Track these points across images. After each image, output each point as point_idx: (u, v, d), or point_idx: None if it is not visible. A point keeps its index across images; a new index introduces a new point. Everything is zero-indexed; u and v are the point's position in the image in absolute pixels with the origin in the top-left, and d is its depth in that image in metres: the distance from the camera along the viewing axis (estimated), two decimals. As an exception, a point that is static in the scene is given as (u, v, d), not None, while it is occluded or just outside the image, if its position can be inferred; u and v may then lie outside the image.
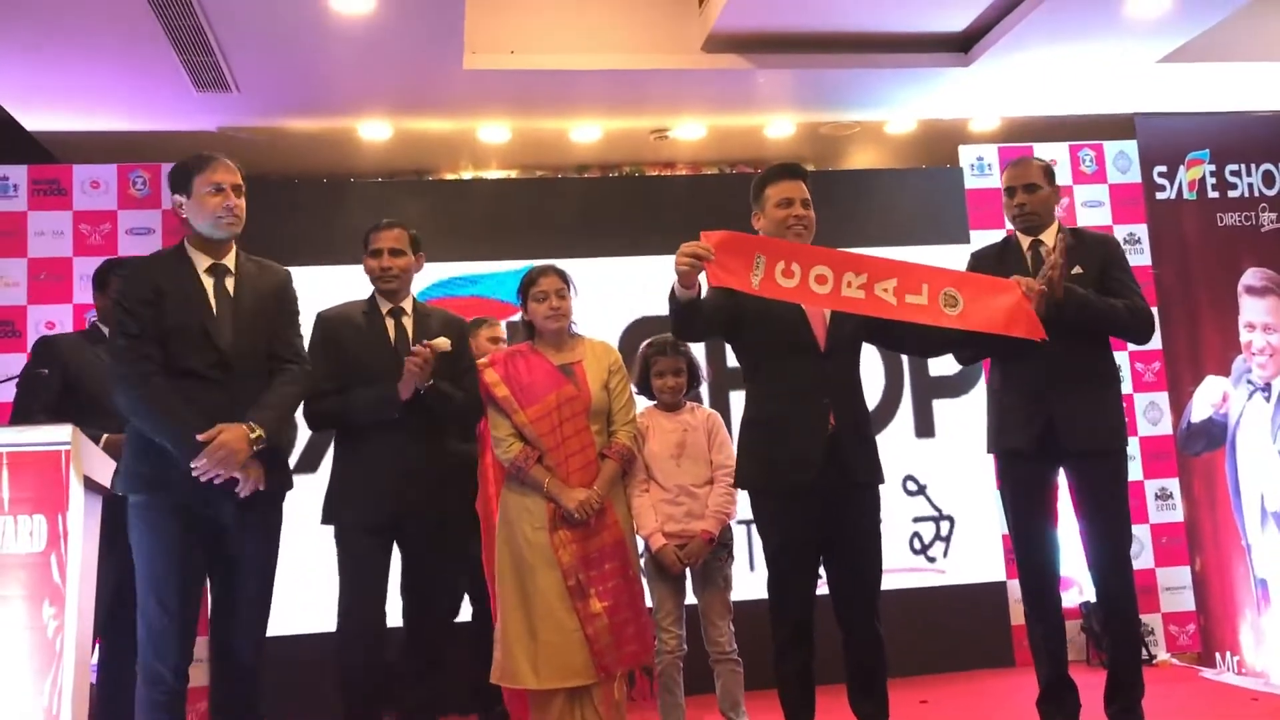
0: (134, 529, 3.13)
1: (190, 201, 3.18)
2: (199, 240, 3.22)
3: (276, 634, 4.69)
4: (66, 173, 5.69)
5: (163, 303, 3.10)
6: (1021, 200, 3.81)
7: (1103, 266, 3.75)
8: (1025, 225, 3.81)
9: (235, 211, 3.21)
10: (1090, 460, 3.69)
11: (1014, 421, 3.77)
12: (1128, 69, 5.68)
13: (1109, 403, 3.74)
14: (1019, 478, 3.81)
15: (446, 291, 5.76)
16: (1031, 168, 3.86)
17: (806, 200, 3.52)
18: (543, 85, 5.58)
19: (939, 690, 5.17)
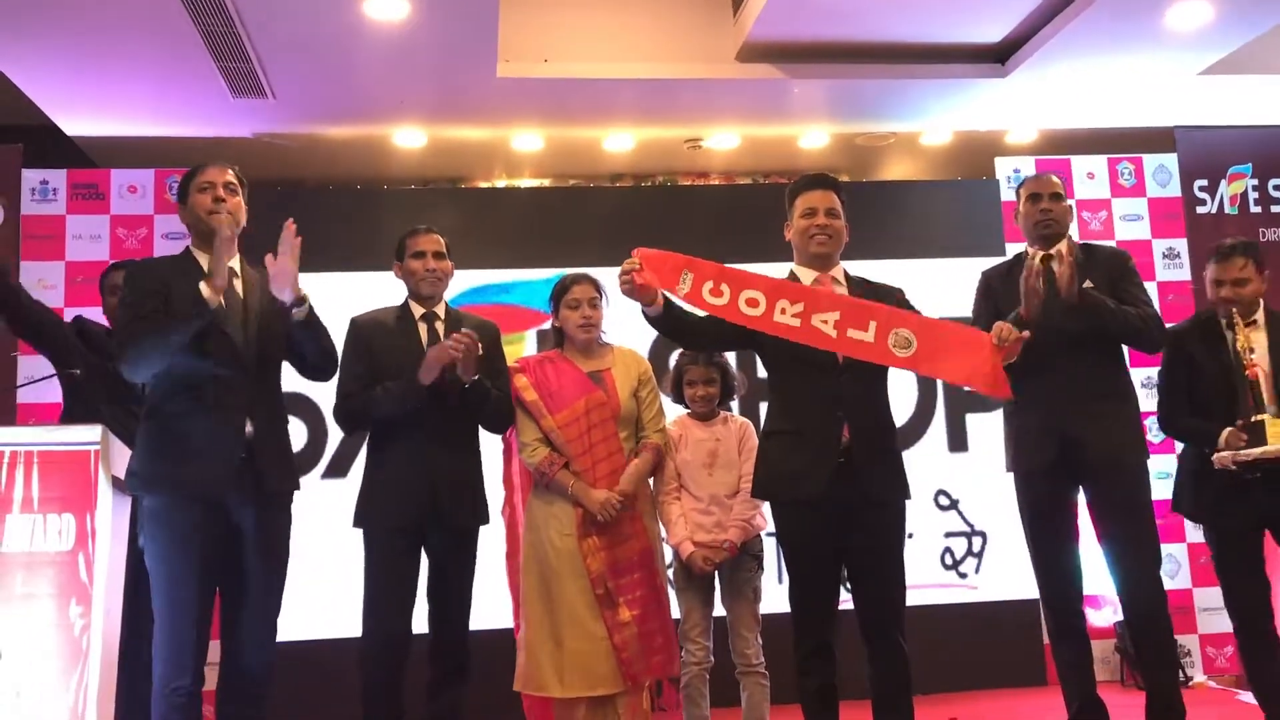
0: (151, 533, 3.09)
1: (186, 206, 3.28)
2: (201, 244, 3.26)
3: (297, 639, 4.74)
4: (105, 177, 5.76)
5: (170, 299, 3.12)
6: (1048, 207, 3.82)
7: (1113, 279, 3.74)
8: (1046, 233, 3.80)
9: (226, 207, 3.24)
10: (1109, 476, 3.66)
11: (1031, 441, 3.76)
12: (1168, 81, 5.61)
13: (1125, 418, 3.71)
14: (1038, 497, 3.79)
15: (479, 299, 5.77)
16: (1053, 180, 3.92)
17: (832, 210, 3.48)
18: (576, 94, 5.58)
19: (968, 708, 5.10)
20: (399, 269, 3.75)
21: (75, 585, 3.08)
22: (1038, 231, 3.82)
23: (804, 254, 3.50)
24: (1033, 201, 3.84)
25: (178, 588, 3.05)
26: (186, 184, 3.29)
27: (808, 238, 3.47)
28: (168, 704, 3.03)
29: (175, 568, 3.06)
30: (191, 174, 3.30)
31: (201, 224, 3.24)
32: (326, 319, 3.47)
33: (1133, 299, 3.70)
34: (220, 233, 3.11)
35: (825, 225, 3.45)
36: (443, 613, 3.60)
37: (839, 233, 3.48)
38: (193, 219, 3.26)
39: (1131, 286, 3.74)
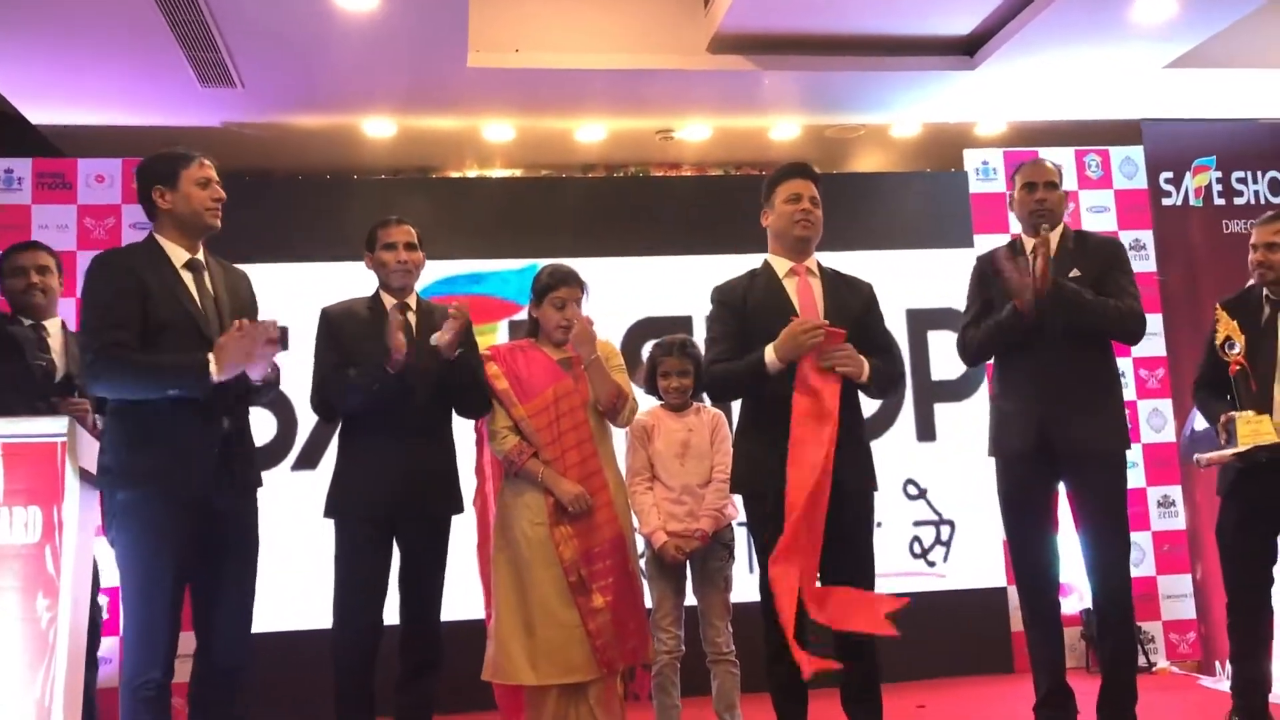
0: (125, 527, 3.06)
1: (176, 194, 3.18)
2: (175, 234, 3.20)
3: (267, 630, 4.71)
4: (71, 167, 5.70)
5: (148, 297, 3.07)
6: (1043, 196, 3.83)
7: (1102, 269, 3.76)
8: (1041, 222, 3.79)
9: (221, 204, 3.24)
10: (1088, 465, 3.69)
11: (1012, 427, 3.78)
12: (1134, 74, 5.66)
13: (1108, 407, 3.74)
14: (1017, 483, 3.82)
15: (450, 289, 5.76)
16: (1049, 167, 3.93)
17: (815, 198, 3.52)
18: (547, 84, 5.58)
19: (937, 696, 5.15)
20: (370, 260, 3.74)
21: (42, 578, 3.05)
22: (1032, 220, 3.83)
23: (785, 239, 3.52)
24: (1028, 190, 3.86)
25: (154, 582, 3.03)
26: (174, 169, 3.18)
27: (792, 222, 3.49)
28: (137, 697, 3.01)
29: (152, 562, 3.03)
30: (182, 161, 3.19)
31: (193, 218, 3.19)
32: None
33: (1118, 289, 3.72)
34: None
35: (809, 211, 3.48)
36: (414, 603, 3.60)
37: (819, 221, 3.51)
38: (185, 210, 3.18)
39: (1120, 276, 3.76)
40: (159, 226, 3.22)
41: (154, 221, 3.23)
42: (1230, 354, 3.90)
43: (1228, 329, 3.92)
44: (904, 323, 5.95)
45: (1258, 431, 3.73)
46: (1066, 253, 3.78)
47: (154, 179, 3.20)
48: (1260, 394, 3.86)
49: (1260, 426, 3.73)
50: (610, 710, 3.56)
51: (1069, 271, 3.73)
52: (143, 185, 3.22)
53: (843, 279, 3.57)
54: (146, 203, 3.22)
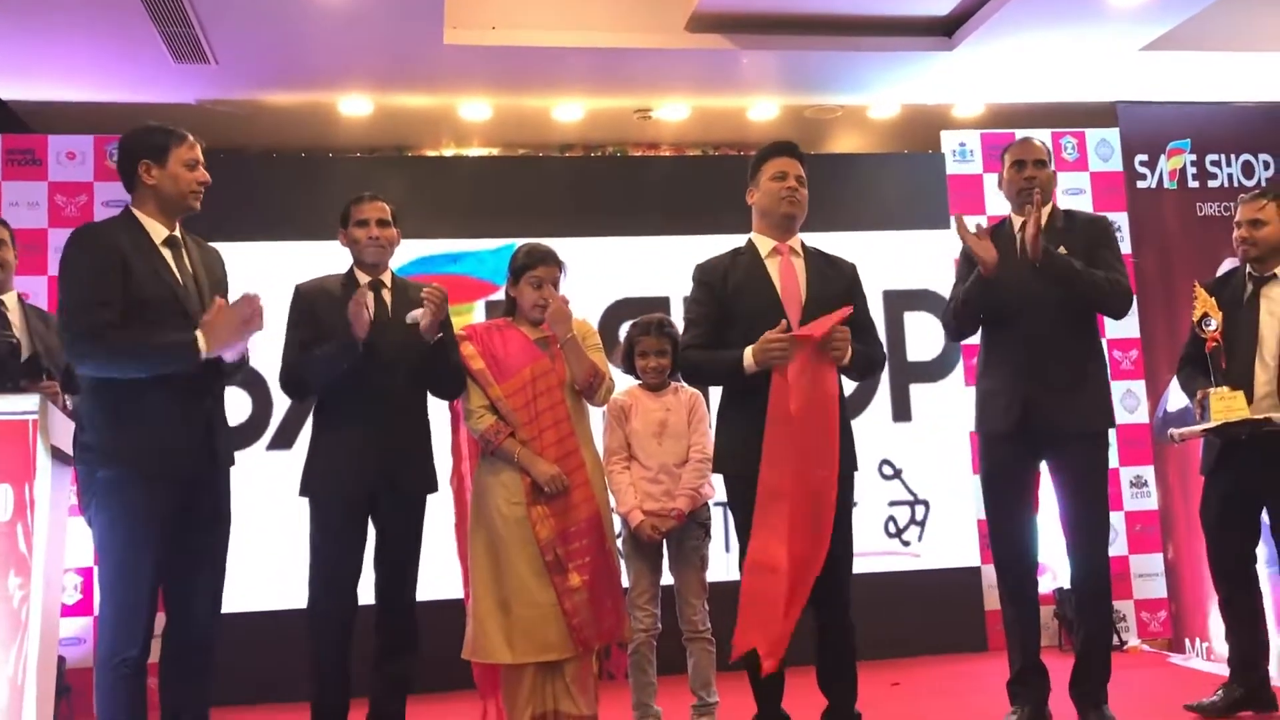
0: (105, 506, 3.05)
1: (164, 172, 3.15)
2: (154, 211, 3.17)
3: (243, 610, 4.72)
4: (42, 143, 5.64)
5: (130, 273, 3.04)
6: (1032, 174, 3.84)
7: (1090, 246, 3.77)
8: (1033, 200, 3.79)
9: (205, 188, 3.23)
10: (1070, 444, 3.72)
11: (994, 406, 3.81)
12: (1110, 56, 5.68)
13: (1091, 386, 3.75)
14: (998, 461, 3.85)
15: (427, 269, 5.74)
16: (1038, 145, 3.94)
17: (801, 178, 3.53)
18: (524, 62, 5.54)
19: (911, 673, 5.20)
20: (343, 236, 3.71)
21: (14, 556, 3.02)
22: (1020, 198, 3.84)
23: (771, 216, 3.53)
24: (1017, 168, 3.87)
25: (134, 560, 3.01)
26: (164, 146, 3.15)
27: (779, 199, 3.50)
28: (114, 675, 3.00)
29: (133, 540, 3.02)
30: (173, 138, 3.17)
31: (177, 198, 3.17)
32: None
33: (1105, 265, 3.73)
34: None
35: (795, 189, 3.49)
36: (391, 582, 3.60)
37: (805, 200, 3.52)
38: (170, 189, 3.15)
39: (1107, 253, 3.77)
40: (138, 201, 3.19)
41: (133, 194, 3.20)
42: (1206, 330, 3.93)
43: (1205, 305, 3.96)
44: (880, 304, 5.97)
45: (1230, 407, 3.77)
46: (1055, 230, 3.80)
47: (142, 153, 3.16)
48: (1239, 370, 3.90)
49: (1233, 402, 3.78)
50: (585, 689, 3.57)
51: (1056, 248, 3.75)
52: (128, 157, 3.18)
53: (826, 259, 3.57)
54: (129, 175, 3.18)
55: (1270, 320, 3.94)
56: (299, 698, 3.60)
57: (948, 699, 4.68)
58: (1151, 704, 4.32)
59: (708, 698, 3.88)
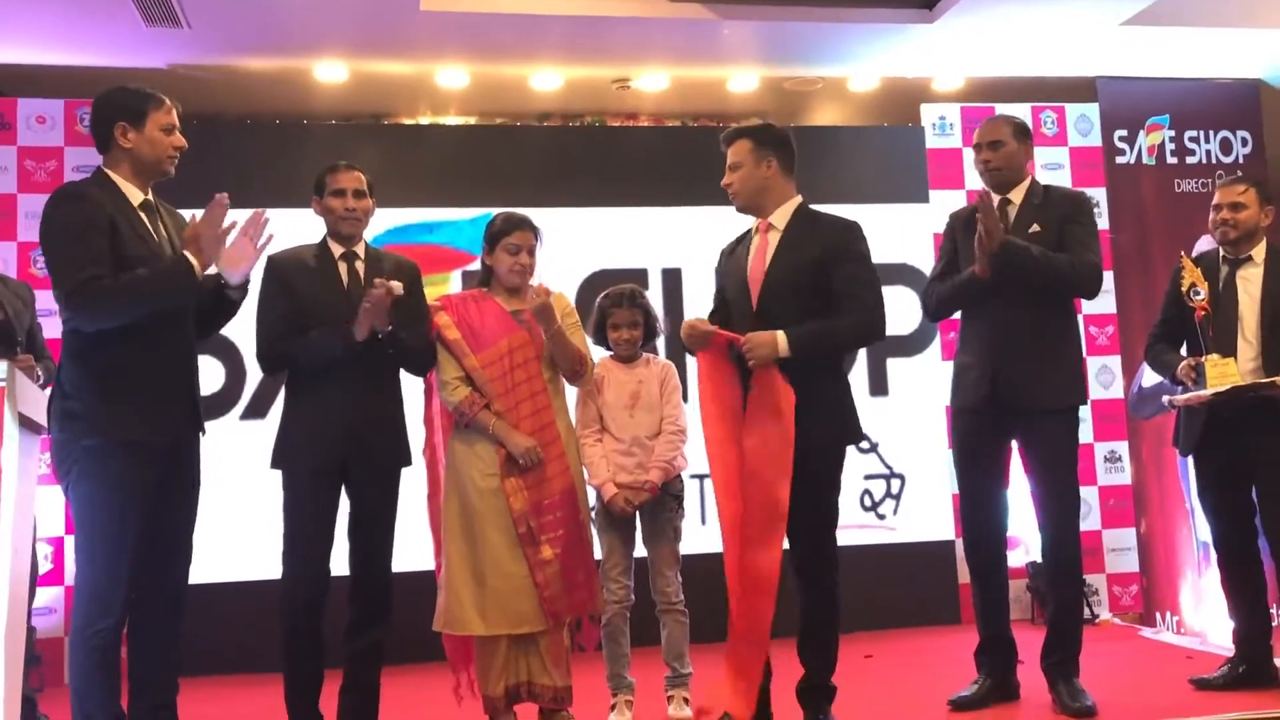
0: (89, 474, 3.00)
1: (140, 135, 3.12)
2: (129, 174, 3.14)
3: (214, 580, 4.70)
4: (11, 107, 5.56)
5: (116, 234, 3.01)
6: (986, 157, 3.86)
7: (1062, 223, 3.78)
8: (993, 182, 3.87)
9: (180, 153, 3.21)
10: (1039, 420, 3.74)
11: (965, 382, 3.85)
12: (1090, 30, 5.66)
13: (1060, 362, 3.77)
14: (968, 435, 3.89)
15: (402, 238, 5.70)
16: (999, 125, 3.92)
17: (733, 164, 3.51)
18: (502, 29, 5.47)
19: (884, 646, 5.23)
20: (318, 205, 3.66)
21: (-20, 526, 2.99)
22: (985, 182, 3.90)
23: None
24: (976, 150, 3.91)
25: (118, 530, 2.98)
26: (142, 109, 3.12)
27: (730, 194, 3.53)
28: (89, 646, 2.97)
29: (117, 509, 2.99)
30: (152, 102, 3.14)
31: (153, 163, 3.15)
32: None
33: (1077, 243, 3.73)
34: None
35: (729, 182, 3.49)
36: (364, 553, 3.58)
37: (739, 185, 3.48)
38: (147, 153, 3.13)
39: (1078, 229, 3.77)
40: (112, 163, 3.15)
41: (106, 156, 3.16)
42: (1195, 300, 3.96)
43: (1193, 276, 3.99)
44: (859, 277, 5.96)
45: (1225, 374, 3.82)
46: (1031, 208, 3.82)
47: (119, 115, 3.12)
48: (1223, 345, 3.91)
49: (1227, 369, 3.83)
50: (558, 661, 3.57)
51: (1030, 226, 3.77)
52: (103, 118, 3.13)
53: (811, 227, 3.49)
54: (103, 137, 3.14)
55: (1248, 300, 3.98)
56: (271, 668, 3.59)
57: (920, 671, 4.71)
58: (1123, 677, 4.36)
59: (681, 669, 3.89)
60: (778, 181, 3.47)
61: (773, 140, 3.49)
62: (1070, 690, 3.68)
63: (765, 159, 3.45)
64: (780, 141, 3.51)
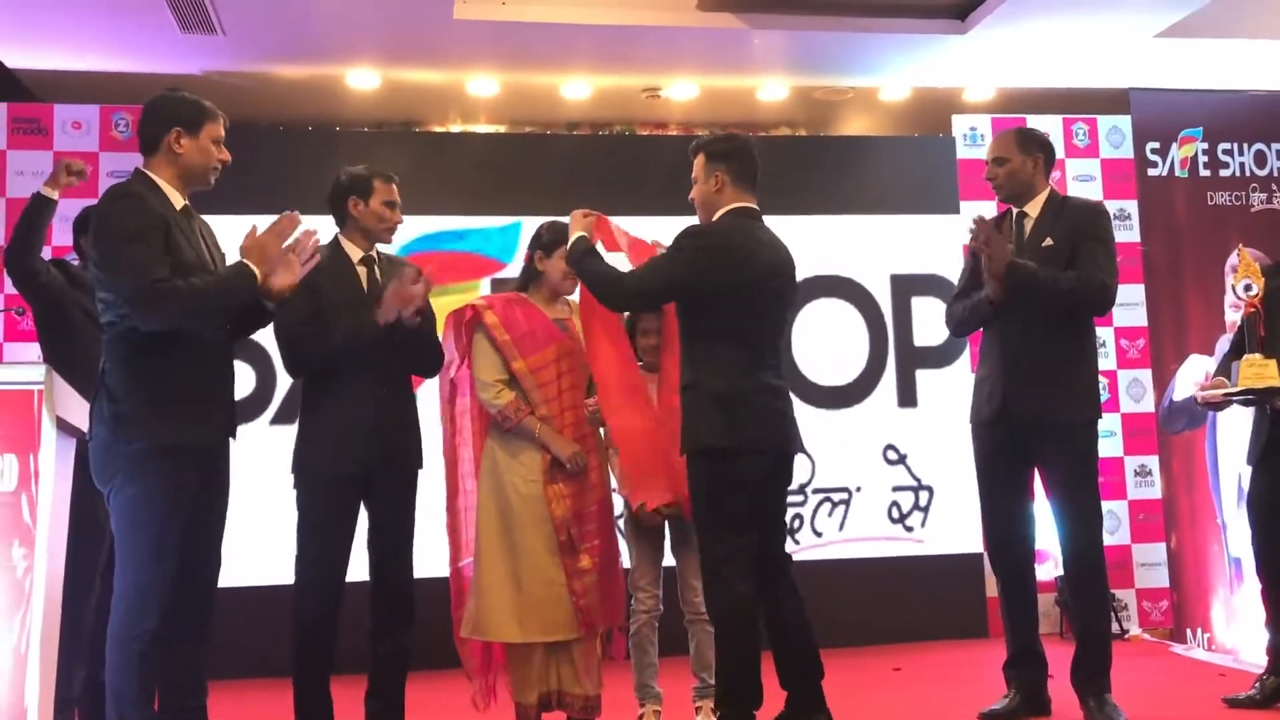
0: (138, 476, 2.96)
1: (195, 143, 3.12)
2: (172, 179, 3.13)
3: (242, 585, 4.70)
4: (48, 112, 5.61)
5: (169, 236, 3.02)
6: (991, 174, 3.88)
7: (1077, 237, 3.74)
8: (1002, 196, 3.87)
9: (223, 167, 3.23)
10: (1051, 436, 3.72)
11: (982, 394, 3.84)
12: (1125, 42, 5.63)
13: (1071, 378, 3.74)
14: (987, 450, 3.88)
15: (432, 245, 5.72)
16: (1005, 140, 3.91)
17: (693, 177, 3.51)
18: (534, 38, 5.50)
19: (913, 659, 5.20)
20: (358, 206, 3.59)
21: (18, 527, 3.02)
22: (999, 196, 3.90)
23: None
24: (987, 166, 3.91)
25: (166, 534, 2.97)
26: (199, 118, 3.13)
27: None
28: (129, 650, 2.95)
29: (167, 513, 2.97)
30: (209, 113, 3.15)
31: (199, 172, 3.16)
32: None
33: (1087, 259, 3.69)
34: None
35: (691, 195, 3.50)
36: (387, 557, 3.54)
37: (695, 197, 3.48)
38: (196, 162, 3.14)
39: (1091, 244, 3.72)
40: (155, 166, 3.13)
41: (150, 158, 3.14)
42: (1246, 295, 3.90)
43: (1248, 271, 3.92)
44: (888, 288, 5.96)
45: (1260, 374, 3.76)
46: (1047, 221, 3.79)
47: (176, 120, 3.12)
48: (1270, 348, 3.86)
49: (1264, 370, 3.77)
50: (590, 669, 3.56)
51: (1043, 240, 3.75)
52: (158, 121, 3.12)
53: None
54: (154, 138, 3.12)
55: None
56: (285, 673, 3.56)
57: (949, 685, 4.67)
58: (1154, 693, 4.32)
59: (709, 679, 3.85)
60: (726, 193, 3.42)
61: (723, 154, 3.44)
62: (1102, 706, 3.64)
63: (714, 173, 3.42)
64: (730, 154, 3.44)
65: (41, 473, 3.05)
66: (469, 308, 3.68)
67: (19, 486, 3.04)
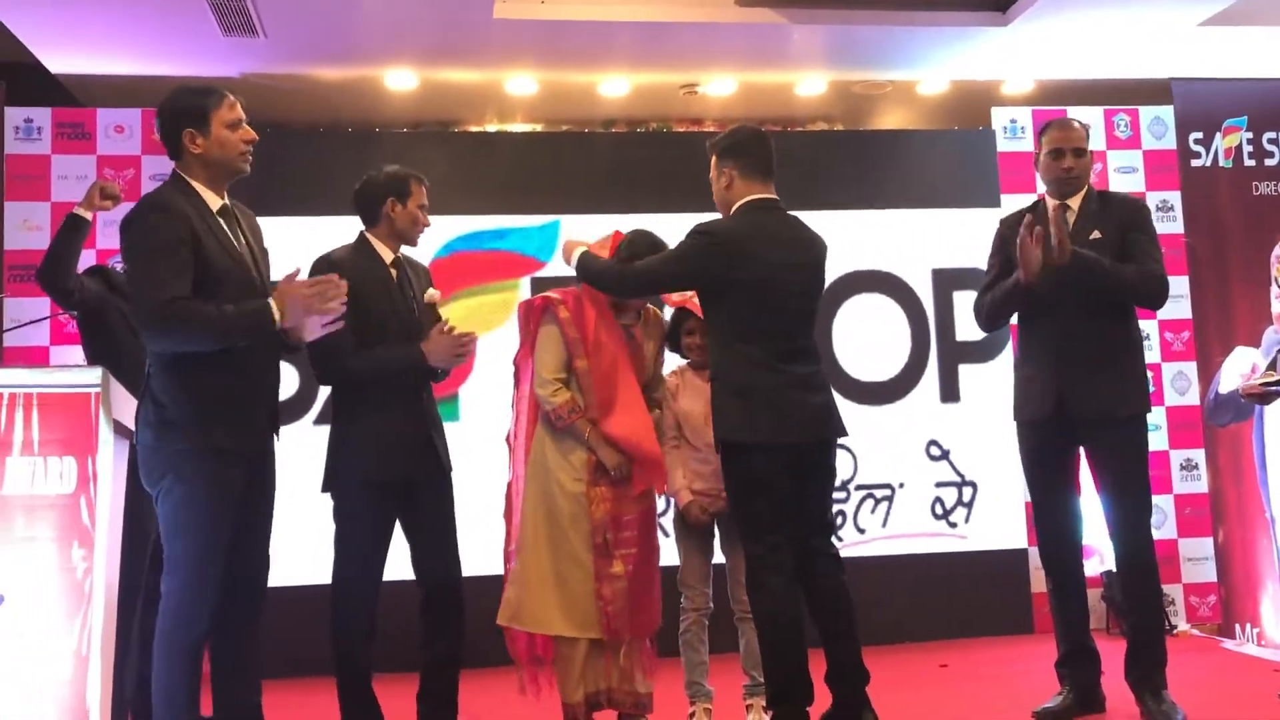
0: (185, 479, 2.95)
1: (209, 139, 3.05)
2: (204, 178, 3.07)
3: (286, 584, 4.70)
4: (91, 116, 5.66)
5: (200, 245, 2.97)
6: (1071, 165, 3.78)
7: (1124, 230, 3.72)
8: (1069, 189, 3.79)
9: (252, 146, 3.13)
10: (1102, 430, 3.69)
11: (1031, 391, 3.79)
12: (1167, 31, 5.57)
13: (1125, 370, 3.72)
14: (1037, 447, 3.84)
15: (471, 245, 5.73)
16: (1080, 132, 3.86)
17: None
18: (572, 36, 5.50)
19: (958, 655, 5.18)
20: (395, 207, 3.58)
21: (77, 528, 3.06)
22: (1059, 187, 3.80)
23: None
24: (1055, 157, 3.79)
25: (216, 535, 2.97)
26: (204, 113, 3.04)
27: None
28: (178, 651, 2.95)
29: (215, 515, 2.97)
30: (211, 103, 3.06)
31: (226, 164, 3.09)
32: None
33: (1141, 252, 3.67)
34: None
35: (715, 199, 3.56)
36: (437, 560, 3.53)
37: (714, 195, 3.53)
38: (218, 155, 3.06)
39: (1142, 238, 3.71)
40: (186, 168, 3.08)
41: (178, 162, 3.09)
42: None
43: None
44: (929, 282, 5.92)
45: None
46: (1090, 214, 3.75)
47: (183, 121, 3.05)
48: None
49: None
50: (639, 668, 3.57)
51: (1091, 234, 3.70)
52: (170, 126, 3.07)
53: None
54: (173, 145, 3.08)
55: None
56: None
57: (997, 682, 4.64)
58: (1209, 690, 4.27)
59: (759, 677, 3.85)
60: (737, 188, 3.46)
61: (727, 149, 3.48)
62: (1160, 703, 3.60)
63: (723, 169, 3.48)
64: (734, 148, 3.47)
65: (100, 475, 3.08)
66: (541, 297, 3.69)
67: (78, 489, 3.07)
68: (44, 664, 3.00)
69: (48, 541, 3.04)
